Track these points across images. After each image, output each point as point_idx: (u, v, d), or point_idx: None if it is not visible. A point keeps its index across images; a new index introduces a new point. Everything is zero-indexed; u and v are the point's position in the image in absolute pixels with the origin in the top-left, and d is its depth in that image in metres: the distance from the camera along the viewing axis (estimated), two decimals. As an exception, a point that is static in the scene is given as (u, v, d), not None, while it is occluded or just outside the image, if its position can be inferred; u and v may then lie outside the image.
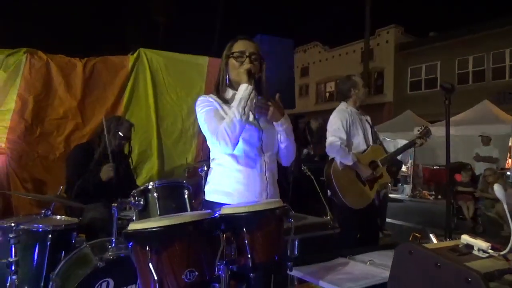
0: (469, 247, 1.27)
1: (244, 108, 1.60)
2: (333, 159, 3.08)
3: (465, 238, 1.30)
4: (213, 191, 1.77)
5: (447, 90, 1.94)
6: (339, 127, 3.07)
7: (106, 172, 2.80)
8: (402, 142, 3.43)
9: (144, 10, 20.89)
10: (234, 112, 1.60)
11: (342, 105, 3.31)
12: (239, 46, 1.76)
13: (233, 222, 1.30)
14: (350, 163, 2.96)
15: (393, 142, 3.37)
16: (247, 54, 1.73)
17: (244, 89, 1.63)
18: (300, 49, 23.94)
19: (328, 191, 3.17)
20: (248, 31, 1.83)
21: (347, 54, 22.56)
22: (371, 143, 3.23)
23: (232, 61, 1.75)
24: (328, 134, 3.10)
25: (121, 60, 4.20)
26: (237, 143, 1.63)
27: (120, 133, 3.02)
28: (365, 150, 3.14)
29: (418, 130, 3.34)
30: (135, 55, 4.27)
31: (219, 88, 1.80)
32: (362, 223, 3.10)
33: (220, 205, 1.65)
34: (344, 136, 3.03)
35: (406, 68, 19.45)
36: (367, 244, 2.92)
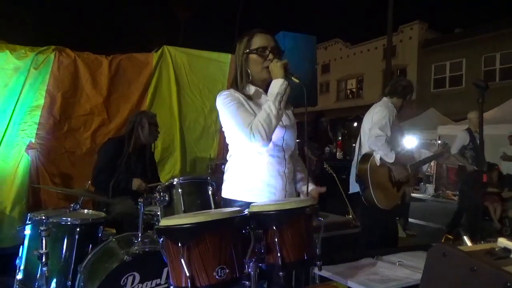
0: (507, 250, 1.22)
1: (280, 103, 1.60)
2: (369, 155, 3.05)
3: (502, 242, 1.26)
4: (232, 188, 1.76)
5: (481, 88, 1.87)
6: (387, 122, 3.00)
7: (139, 186, 2.90)
8: (425, 153, 3.45)
9: (166, 7, 21.13)
10: (270, 106, 1.59)
11: (387, 101, 3.23)
12: (260, 41, 1.73)
13: (263, 220, 1.29)
14: (391, 160, 2.93)
15: (418, 152, 3.37)
16: (269, 49, 1.71)
17: (281, 84, 1.62)
18: (321, 46, 23.69)
19: (355, 186, 3.16)
20: (268, 28, 1.80)
21: (369, 51, 22.20)
22: (402, 147, 3.24)
23: (253, 57, 1.72)
24: (374, 126, 3.02)
25: (145, 57, 4.25)
26: (272, 137, 1.62)
27: (154, 125, 3.12)
28: (398, 153, 3.10)
29: (441, 145, 3.41)
30: (159, 52, 4.31)
31: (238, 83, 1.77)
32: (383, 222, 3.08)
33: (239, 202, 1.67)
34: (389, 133, 2.97)
35: (429, 65, 18.98)
36: (388, 244, 2.91)
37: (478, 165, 4.57)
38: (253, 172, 1.71)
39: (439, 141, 10.95)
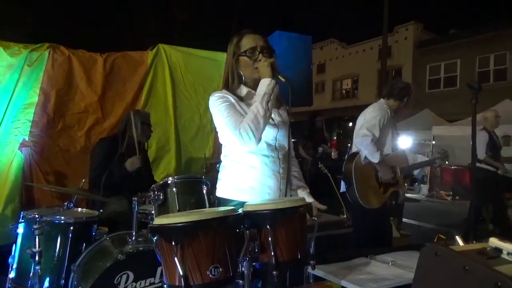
0: (498, 250, 1.24)
1: (267, 103, 1.59)
2: (355, 153, 3.07)
3: (494, 241, 1.27)
4: (226, 188, 1.76)
5: (474, 90, 1.89)
6: (376, 123, 3.02)
7: (133, 163, 2.89)
8: (422, 158, 3.47)
9: (163, 6, 21.07)
10: (257, 107, 1.58)
11: (383, 102, 3.25)
12: (248, 42, 1.72)
13: (256, 219, 1.29)
14: (376, 160, 2.93)
15: (413, 156, 3.39)
16: (258, 49, 1.70)
17: (268, 83, 1.61)
18: (317, 46, 23.72)
19: (343, 185, 3.18)
20: (264, 28, 1.79)
21: (364, 51, 22.28)
22: (395, 149, 3.25)
23: (244, 59, 1.72)
24: (363, 126, 3.05)
25: (140, 56, 4.23)
26: (261, 138, 1.62)
27: (147, 124, 3.11)
28: (387, 155, 3.14)
29: (438, 152, 3.37)
30: (154, 50, 4.29)
31: (230, 85, 1.76)
32: (373, 223, 3.09)
33: (233, 201, 1.67)
34: (377, 134, 2.99)
35: (424, 66, 19.09)
36: (379, 245, 2.91)
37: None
38: (248, 172, 1.70)
39: (433, 142, 11.02)
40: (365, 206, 2.98)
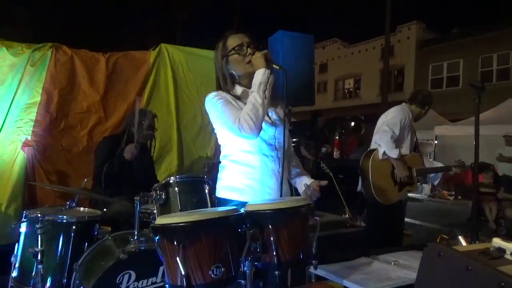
0: (501, 250, 1.23)
1: (264, 92, 1.59)
2: (373, 150, 3.16)
3: (497, 241, 1.26)
4: (226, 188, 1.76)
5: (478, 89, 1.89)
6: (397, 122, 3.14)
7: (130, 151, 2.84)
8: (438, 164, 3.56)
9: (163, 6, 21.12)
10: (255, 96, 1.59)
11: (405, 106, 3.38)
12: (234, 41, 1.74)
13: (258, 219, 1.29)
14: (394, 156, 3.02)
15: (429, 163, 3.51)
16: (245, 45, 1.72)
17: (262, 73, 1.62)
18: (319, 45, 23.70)
19: (359, 182, 3.22)
20: (265, 27, 1.80)
21: (366, 50, 22.23)
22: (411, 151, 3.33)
23: (233, 57, 1.73)
24: (384, 123, 3.17)
25: (143, 55, 4.24)
26: (261, 128, 1.62)
27: (145, 124, 3.10)
28: (405, 155, 3.20)
29: (456, 161, 3.46)
30: (156, 50, 4.30)
31: (223, 86, 1.78)
32: (387, 220, 3.15)
33: (233, 202, 1.67)
34: (397, 132, 3.10)
35: (427, 66, 19.05)
36: (390, 242, 2.94)
37: None
38: (247, 172, 1.70)
39: (435, 141, 10.99)
40: (380, 202, 3.05)
